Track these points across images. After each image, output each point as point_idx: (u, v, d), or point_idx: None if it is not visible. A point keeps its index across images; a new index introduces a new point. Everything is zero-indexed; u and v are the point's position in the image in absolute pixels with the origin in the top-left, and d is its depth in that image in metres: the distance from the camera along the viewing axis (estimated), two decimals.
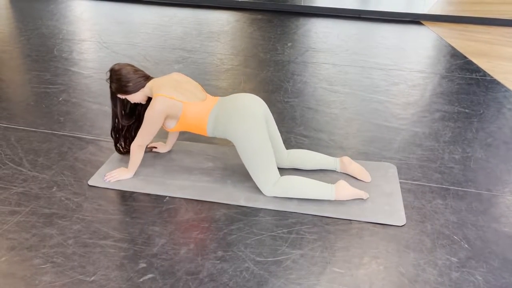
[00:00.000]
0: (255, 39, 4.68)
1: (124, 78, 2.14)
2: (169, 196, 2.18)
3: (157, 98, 2.09)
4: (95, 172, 2.35)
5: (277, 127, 2.30)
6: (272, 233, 1.97)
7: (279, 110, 3.13)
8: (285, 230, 1.99)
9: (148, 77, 2.21)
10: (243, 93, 2.21)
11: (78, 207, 2.10)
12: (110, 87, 2.20)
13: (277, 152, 2.31)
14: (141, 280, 1.72)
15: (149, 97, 2.25)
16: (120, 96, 2.21)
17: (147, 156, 2.49)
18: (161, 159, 2.47)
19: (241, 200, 2.15)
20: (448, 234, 2.00)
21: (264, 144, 2.08)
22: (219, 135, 2.17)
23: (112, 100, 2.26)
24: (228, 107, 2.13)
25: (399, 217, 2.07)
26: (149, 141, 2.21)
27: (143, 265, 1.79)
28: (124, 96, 2.20)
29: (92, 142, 2.66)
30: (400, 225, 2.04)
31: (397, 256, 1.87)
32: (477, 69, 3.98)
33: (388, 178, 2.36)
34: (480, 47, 4.59)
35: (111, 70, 2.17)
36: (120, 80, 2.14)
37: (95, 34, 4.69)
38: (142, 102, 2.25)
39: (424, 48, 4.55)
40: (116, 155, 2.49)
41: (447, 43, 4.72)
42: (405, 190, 2.29)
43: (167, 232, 1.96)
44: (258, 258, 1.83)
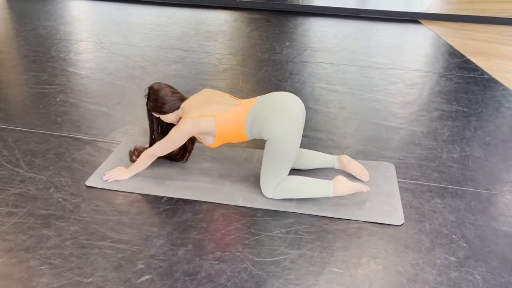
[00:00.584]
0: (253, 39, 4.67)
1: (160, 99, 2.17)
2: (167, 197, 2.17)
3: (185, 120, 2.11)
4: (93, 172, 2.34)
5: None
6: (271, 233, 1.97)
7: None
8: (283, 230, 1.98)
9: (183, 99, 2.23)
10: (284, 92, 2.18)
11: (75, 208, 2.09)
12: (146, 104, 2.23)
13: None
14: (139, 281, 1.71)
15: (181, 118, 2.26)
16: (155, 114, 2.24)
17: None
18: (159, 159, 2.45)
19: (240, 201, 2.15)
20: (447, 233, 1.99)
21: (294, 149, 2.07)
22: (256, 135, 2.12)
23: (149, 116, 2.29)
24: (268, 105, 2.09)
25: (397, 217, 2.07)
26: (162, 154, 2.22)
27: (141, 266, 1.78)
28: (158, 115, 2.23)
29: (90, 143, 2.65)
30: (399, 224, 2.03)
31: (396, 255, 1.87)
32: (475, 68, 3.98)
33: (386, 178, 2.35)
34: (478, 46, 4.59)
35: (150, 89, 2.21)
36: (157, 101, 2.17)
37: (93, 34, 4.68)
38: (174, 123, 2.26)
39: (422, 47, 4.55)
40: (114, 156, 2.48)
41: (445, 41, 4.72)
42: (403, 190, 2.28)
43: (165, 233, 1.95)
44: (256, 259, 1.83)
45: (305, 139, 2.75)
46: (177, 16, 5.43)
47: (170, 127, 2.34)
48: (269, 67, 3.90)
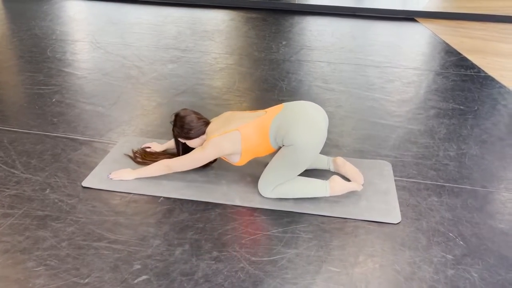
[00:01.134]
0: (249, 38, 4.66)
1: (186, 126, 2.18)
2: (164, 197, 2.17)
3: (210, 141, 2.11)
4: (89, 173, 2.34)
5: None
6: (267, 233, 1.96)
7: None
8: (280, 230, 1.98)
9: (208, 123, 2.23)
10: (310, 102, 2.17)
11: (71, 209, 2.08)
12: (172, 130, 2.24)
13: None
14: (135, 281, 1.71)
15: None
16: (181, 140, 2.25)
17: None
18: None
19: (236, 200, 2.15)
20: (444, 231, 2.00)
21: (308, 162, 2.07)
22: (279, 142, 2.09)
23: (175, 140, 2.30)
24: (295, 112, 2.08)
25: (394, 215, 2.07)
26: (178, 171, 2.23)
27: (138, 266, 1.78)
28: (184, 141, 2.24)
29: (86, 143, 2.64)
30: (396, 223, 2.03)
31: (393, 254, 1.87)
32: (471, 66, 3.98)
33: (383, 176, 2.35)
34: (474, 44, 4.59)
35: (176, 115, 2.22)
36: (183, 127, 2.18)
37: (89, 34, 4.66)
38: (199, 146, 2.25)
39: (419, 45, 4.55)
40: (110, 156, 2.48)
41: (442, 39, 4.72)
42: (400, 188, 2.28)
43: (161, 233, 1.95)
44: (253, 258, 1.83)
45: None
46: (173, 16, 5.42)
47: None
48: (266, 66, 3.89)
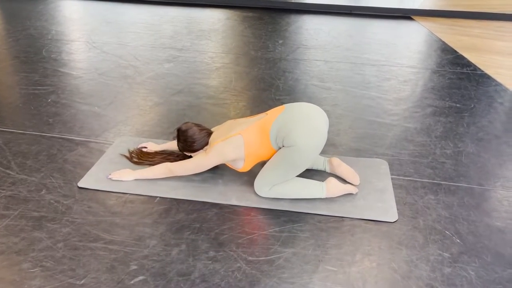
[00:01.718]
0: (246, 37, 4.65)
1: (190, 139, 2.19)
2: (160, 197, 2.16)
3: (213, 148, 2.12)
4: (85, 173, 2.33)
5: None
6: (264, 232, 1.96)
7: (270, 108, 3.12)
8: (277, 229, 1.98)
9: (210, 133, 2.24)
10: (311, 104, 2.17)
11: (67, 210, 2.07)
12: (177, 145, 2.26)
13: None
14: (132, 282, 1.70)
15: None
16: (186, 153, 2.27)
17: None
18: None
19: (233, 200, 2.14)
20: (440, 229, 2.00)
21: (307, 164, 2.07)
22: (279, 144, 2.09)
23: (184, 158, 2.33)
24: (296, 113, 2.08)
25: (391, 214, 2.07)
26: (180, 175, 2.24)
27: (134, 267, 1.77)
28: (189, 154, 2.26)
29: (82, 144, 2.63)
30: (392, 221, 2.03)
31: (390, 252, 1.87)
32: (467, 64, 3.99)
33: (380, 175, 2.35)
34: (470, 42, 4.60)
35: (178, 130, 2.23)
36: (186, 141, 2.20)
37: (85, 34, 4.65)
38: None
39: (415, 43, 4.56)
40: (106, 156, 2.47)
41: (438, 38, 4.73)
42: (397, 186, 2.28)
43: (158, 233, 1.94)
44: (250, 258, 1.82)
45: None
46: (169, 15, 5.41)
47: None
48: (262, 65, 3.89)
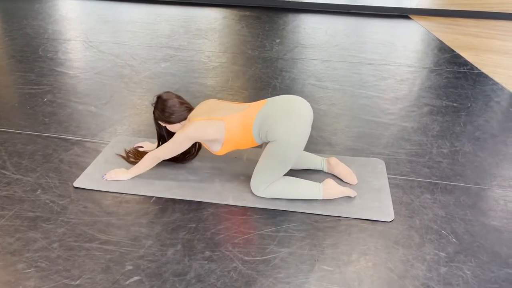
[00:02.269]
0: (243, 36, 4.65)
1: (168, 109, 2.15)
2: (156, 197, 2.16)
3: (193, 123, 2.08)
4: (81, 173, 2.32)
5: None
6: (260, 232, 1.96)
7: None
8: (273, 229, 1.97)
9: (191, 109, 2.20)
10: (295, 96, 2.15)
11: (63, 210, 2.07)
12: (153, 112, 2.21)
13: None
14: (127, 282, 1.69)
15: None
16: (161, 123, 2.22)
17: None
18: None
19: (229, 199, 2.13)
20: (437, 228, 1.99)
21: (295, 156, 2.05)
22: (263, 138, 2.08)
23: (156, 123, 2.27)
24: (278, 107, 2.06)
25: (387, 213, 2.07)
26: (166, 158, 2.19)
27: (130, 267, 1.76)
28: (164, 124, 2.21)
29: (78, 143, 2.62)
30: (389, 221, 2.03)
31: (386, 252, 1.86)
32: (465, 63, 3.99)
33: (376, 174, 2.35)
34: (468, 41, 4.60)
35: (158, 98, 2.18)
36: (164, 110, 2.15)
37: (81, 33, 4.63)
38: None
39: (412, 42, 4.56)
40: (102, 156, 2.46)
41: (435, 37, 4.73)
42: (393, 186, 2.28)
43: (154, 233, 1.93)
44: (246, 258, 1.82)
45: None
46: (166, 14, 5.39)
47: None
48: (259, 65, 3.88)
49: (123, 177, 2.24)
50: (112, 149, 2.53)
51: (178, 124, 2.19)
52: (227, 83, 3.50)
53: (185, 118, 2.18)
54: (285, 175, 2.27)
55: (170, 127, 2.21)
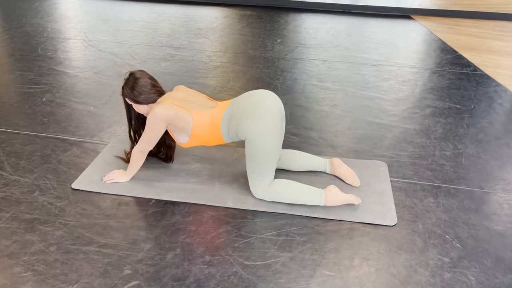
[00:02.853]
0: (244, 36, 4.61)
1: (137, 88, 2.10)
2: (155, 199, 2.13)
3: (164, 103, 2.05)
4: (79, 175, 2.29)
5: (284, 127, 2.23)
6: (261, 236, 1.93)
7: None
8: (274, 232, 1.94)
9: (162, 93, 2.16)
10: (260, 90, 2.12)
11: (61, 212, 2.04)
12: (122, 88, 2.14)
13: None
14: (125, 287, 1.66)
15: None
16: (127, 100, 2.17)
17: None
18: (147, 160, 2.40)
19: (229, 202, 2.10)
20: (440, 233, 1.96)
21: (274, 147, 2.02)
22: (234, 137, 2.08)
23: (125, 102, 2.21)
24: (243, 103, 2.04)
25: (390, 217, 2.04)
26: (150, 148, 2.15)
27: (128, 271, 1.73)
28: (131, 102, 2.16)
29: (77, 144, 2.59)
30: (392, 225, 2.00)
31: (389, 257, 1.84)
32: (467, 64, 3.96)
33: (379, 177, 2.32)
34: (470, 41, 4.57)
35: (131, 75, 2.13)
36: (134, 89, 2.10)
37: (81, 32, 4.60)
38: (145, 114, 2.19)
39: (414, 43, 4.52)
40: (101, 157, 2.43)
41: (437, 37, 4.69)
42: (396, 189, 2.25)
43: (153, 237, 1.90)
44: (246, 262, 1.79)
45: (296, 138, 2.71)
46: (167, 13, 5.36)
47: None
48: (260, 65, 3.85)
49: (121, 179, 2.21)
50: (111, 150, 2.50)
51: (146, 106, 2.13)
52: (228, 83, 3.47)
53: (154, 101, 2.12)
54: (288, 178, 2.25)
55: (136, 107, 2.15)
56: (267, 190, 2.07)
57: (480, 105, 3.19)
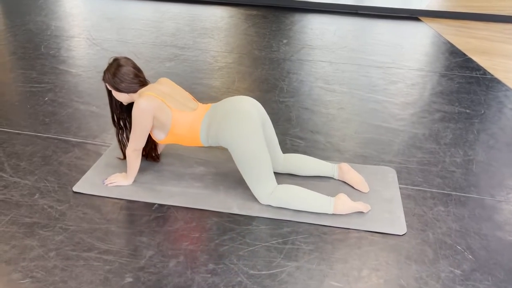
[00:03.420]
0: (249, 36, 4.55)
1: (119, 76, 2.02)
2: (158, 204, 2.07)
3: (143, 96, 1.98)
4: (81, 177, 2.23)
5: (274, 130, 2.19)
6: (267, 244, 1.87)
7: (274, 110, 3.02)
8: (280, 240, 1.89)
9: (144, 84, 2.09)
10: (237, 96, 2.10)
11: (61, 216, 1.99)
12: (104, 72, 2.06)
13: (273, 155, 2.21)
14: None
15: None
16: (107, 86, 2.09)
17: None
18: (150, 163, 2.35)
19: (234, 208, 2.05)
20: (451, 243, 1.90)
21: (260, 150, 1.97)
22: (213, 143, 2.05)
23: (106, 88, 2.13)
24: (221, 110, 2.01)
25: (399, 226, 1.98)
26: (142, 144, 2.09)
27: (129, 279, 1.68)
28: (111, 88, 2.08)
29: (78, 145, 2.54)
30: (401, 234, 1.94)
31: (398, 268, 1.78)
32: (477, 67, 3.89)
33: (387, 183, 2.26)
34: (479, 44, 4.49)
35: (115, 60, 2.05)
36: (115, 75, 2.02)
37: (85, 30, 4.55)
38: (124, 102, 2.13)
39: (423, 45, 4.45)
40: (103, 159, 2.38)
41: (446, 40, 4.62)
42: (405, 196, 2.19)
43: (155, 243, 1.85)
44: (251, 271, 1.73)
45: (302, 142, 2.65)
46: (171, 12, 5.31)
47: (130, 106, 2.20)
48: (266, 66, 3.79)
49: (123, 183, 2.16)
50: (114, 152, 2.45)
51: (126, 95, 2.06)
52: (233, 84, 3.42)
53: (135, 91, 2.05)
54: (295, 183, 2.19)
55: (116, 94, 2.08)
56: (274, 196, 2.01)
57: (490, 110, 3.12)
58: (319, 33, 4.73)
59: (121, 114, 2.22)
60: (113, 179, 2.17)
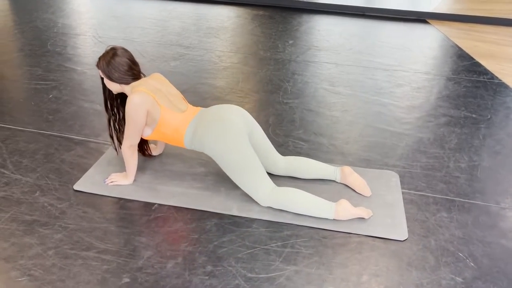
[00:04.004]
0: (255, 36, 4.54)
1: (113, 65, 2.00)
2: (158, 204, 2.07)
3: (135, 92, 1.98)
4: (82, 175, 2.23)
5: (265, 135, 2.18)
6: (266, 246, 1.85)
7: (277, 111, 3.01)
8: (279, 243, 1.87)
9: (137, 78, 2.08)
10: (224, 104, 2.10)
11: (61, 214, 1.98)
12: (99, 58, 2.05)
13: (269, 160, 2.19)
14: None
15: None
16: (100, 73, 2.07)
17: None
18: (151, 163, 2.35)
19: (234, 210, 2.04)
20: (453, 250, 1.88)
21: (247, 156, 1.96)
22: (198, 148, 2.05)
23: (101, 77, 2.11)
24: (206, 118, 2.01)
25: (401, 231, 1.95)
26: (137, 140, 2.08)
27: (127, 280, 1.67)
28: (103, 75, 2.06)
29: (81, 143, 2.54)
30: (402, 239, 1.92)
31: (399, 274, 1.75)
32: (484, 71, 3.84)
33: (390, 188, 2.23)
34: (488, 48, 4.44)
35: (112, 49, 2.03)
36: (109, 64, 2.00)
37: (91, 28, 4.56)
38: (114, 91, 2.11)
39: (430, 48, 4.41)
40: (105, 158, 2.37)
41: (454, 43, 4.57)
42: (407, 201, 2.16)
43: (154, 244, 1.84)
44: (249, 274, 1.72)
45: (306, 144, 2.63)
46: (178, 11, 5.30)
47: (123, 96, 2.19)
48: (271, 66, 3.77)
49: (123, 182, 2.15)
50: (115, 151, 2.44)
51: (117, 85, 2.05)
52: (238, 84, 3.40)
53: (127, 83, 2.04)
54: (296, 186, 2.17)
55: (107, 83, 2.07)
56: (273, 198, 1.99)
57: (497, 115, 3.08)
58: (325, 34, 4.70)
59: (115, 101, 2.20)
60: (113, 178, 2.16)
